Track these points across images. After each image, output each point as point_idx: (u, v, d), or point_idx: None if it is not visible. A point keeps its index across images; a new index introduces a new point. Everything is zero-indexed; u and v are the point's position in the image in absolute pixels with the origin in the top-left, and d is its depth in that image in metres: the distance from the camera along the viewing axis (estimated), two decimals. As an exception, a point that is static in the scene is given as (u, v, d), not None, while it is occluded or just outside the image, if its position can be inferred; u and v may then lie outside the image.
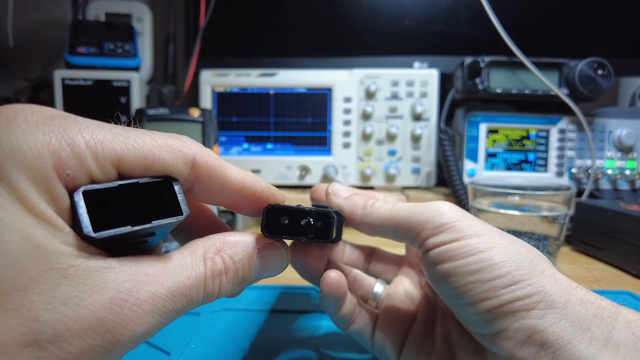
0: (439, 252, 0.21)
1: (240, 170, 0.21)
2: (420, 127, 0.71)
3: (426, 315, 0.27)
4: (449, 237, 0.21)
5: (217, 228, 0.23)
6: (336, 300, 0.25)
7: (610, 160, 0.68)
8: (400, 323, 0.27)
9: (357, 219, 0.25)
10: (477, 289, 0.20)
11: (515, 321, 0.19)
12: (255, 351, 0.30)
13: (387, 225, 0.24)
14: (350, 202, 0.26)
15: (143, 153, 0.17)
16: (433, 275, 0.21)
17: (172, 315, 0.16)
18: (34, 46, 0.83)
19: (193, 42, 0.76)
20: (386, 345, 0.26)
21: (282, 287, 0.42)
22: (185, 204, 0.18)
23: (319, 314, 0.36)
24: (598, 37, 0.76)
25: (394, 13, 0.77)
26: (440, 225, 0.21)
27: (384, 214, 0.24)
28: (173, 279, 0.16)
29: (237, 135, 0.74)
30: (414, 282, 0.30)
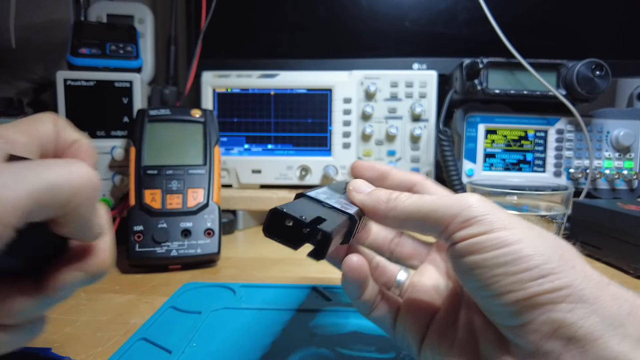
0: (467, 244, 0.21)
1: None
2: (420, 128, 0.72)
3: (450, 304, 0.27)
4: (477, 230, 0.21)
5: None
6: (358, 285, 0.25)
7: (608, 161, 0.68)
8: (423, 312, 0.27)
9: (380, 214, 0.25)
10: (504, 281, 0.19)
11: (541, 314, 0.19)
12: (256, 350, 0.31)
13: (413, 218, 0.23)
14: (373, 198, 0.25)
15: None
16: (459, 267, 0.21)
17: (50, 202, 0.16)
18: (36, 47, 0.83)
19: (194, 43, 0.77)
20: (408, 334, 0.26)
21: (282, 286, 0.43)
22: None
23: (319, 313, 0.37)
24: (596, 38, 0.77)
25: (394, 15, 0.77)
26: (469, 218, 0.21)
27: (408, 208, 0.23)
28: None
29: (238, 135, 0.74)
30: (440, 270, 0.29)
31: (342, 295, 0.40)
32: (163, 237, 0.48)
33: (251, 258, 0.54)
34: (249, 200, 0.68)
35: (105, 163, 0.57)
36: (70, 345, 0.32)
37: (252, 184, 0.74)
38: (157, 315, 0.36)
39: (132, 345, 0.31)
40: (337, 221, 0.23)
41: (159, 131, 0.54)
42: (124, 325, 0.35)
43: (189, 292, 0.41)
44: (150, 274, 0.47)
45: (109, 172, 0.57)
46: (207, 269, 0.50)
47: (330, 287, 0.42)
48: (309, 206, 0.24)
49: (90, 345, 0.31)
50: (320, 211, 0.23)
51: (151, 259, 0.48)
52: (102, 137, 0.57)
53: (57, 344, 0.31)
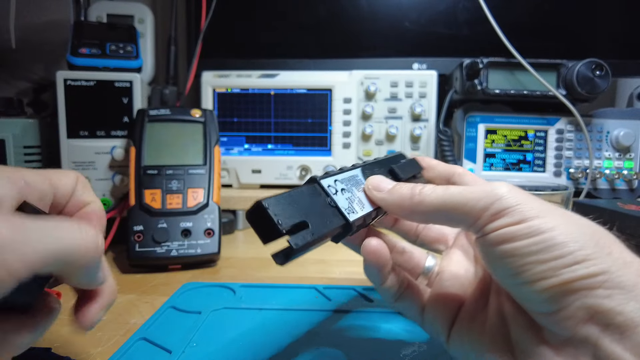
0: (498, 234, 0.21)
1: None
2: (420, 128, 0.72)
3: (480, 290, 0.26)
4: (509, 220, 0.20)
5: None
6: (378, 269, 0.25)
7: (608, 161, 0.68)
8: (453, 299, 0.26)
9: (406, 211, 0.24)
10: (536, 269, 0.19)
11: (576, 300, 0.19)
12: (256, 350, 0.31)
13: (441, 212, 0.23)
14: (395, 195, 0.25)
15: None
16: (489, 256, 0.21)
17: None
18: (36, 47, 0.83)
19: (194, 43, 0.77)
20: (437, 321, 0.26)
21: (282, 286, 0.43)
22: None
23: (319, 313, 0.37)
24: (596, 38, 0.77)
25: (394, 15, 0.77)
26: (500, 210, 0.21)
27: (435, 202, 0.23)
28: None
29: (238, 135, 0.74)
30: (468, 255, 0.29)
31: (342, 295, 0.40)
32: (163, 237, 0.48)
33: (251, 258, 0.54)
34: (249, 200, 0.68)
35: (105, 163, 0.57)
36: (70, 345, 0.32)
37: (252, 184, 0.74)
38: (157, 315, 0.36)
39: (132, 345, 0.31)
40: (322, 231, 0.21)
41: (159, 131, 0.54)
42: (124, 325, 0.35)
43: (189, 292, 0.41)
44: (150, 274, 0.47)
45: (109, 172, 0.57)
46: (207, 269, 0.50)
47: (331, 287, 0.42)
48: (302, 203, 0.22)
49: (90, 345, 0.31)
50: (310, 213, 0.22)
51: (151, 259, 0.48)
52: (102, 137, 0.57)
53: (57, 344, 0.31)
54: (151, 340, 0.31)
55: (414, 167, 0.32)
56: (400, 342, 0.32)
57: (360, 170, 0.27)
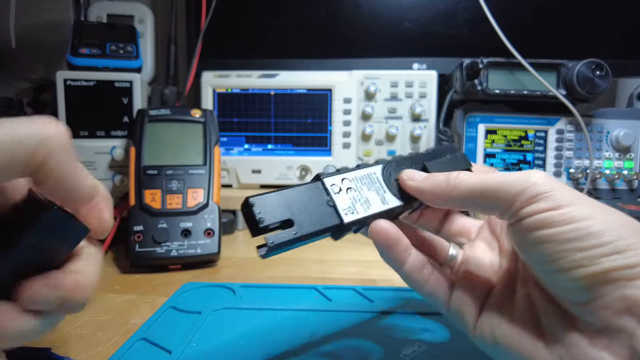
0: (534, 220, 0.21)
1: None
2: (420, 128, 0.72)
3: (506, 281, 0.26)
4: (545, 205, 0.20)
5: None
6: (387, 248, 0.25)
7: (608, 161, 0.68)
8: (480, 287, 0.26)
9: (441, 196, 0.24)
10: (572, 257, 0.19)
11: (614, 290, 0.18)
12: (256, 350, 0.31)
13: (476, 197, 0.23)
14: (430, 182, 0.25)
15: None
16: (524, 242, 0.21)
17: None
18: (36, 47, 0.83)
19: (194, 43, 0.77)
20: (463, 310, 0.26)
21: (282, 286, 0.43)
22: None
23: (319, 313, 0.37)
24: (596, 38, 0.77)
25: (393, 15, 0.77)
26: (535, 194, 0.21)
27: (471, 186, 0.23)
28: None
29: (238, 135, 0.74)
30: (492, 246, 0.29)
31: (342, 295, 0.40)
32: (163, 237, 0.48)
33: (251, 258, 0.54)
34: (249, 200, 0.68)
35: (105, 163, 0.57)
36: (70, 345, 0.32)
37: (252, 184, 0.74)
38: (157, 315, 0.36)
39: (132, 345, 0.31)
40: (308, 230, 0.22)
41: (159, 131, 0.54)
42: (124, 325, 0.35)
43: (189, 292, 0.41)
44: (150, 274, 0.47)
45: (109, 172, 0.57)
46: (207, 269, 0.50)
47: (331, 287, 0.42)
48: (296, 201, 0.23)
49: (90, 345, 0.31)
50: (302, 211, 0.23)
51: (151, 259, 0.48)
52: (102, 137, 0.57)
53: (57, 344, 0.31)
54: (151, 340, 0.31)
55: (459, 163, 0.29)
56: (400, 342, 0.32)
57: (380, 168, 0.27)
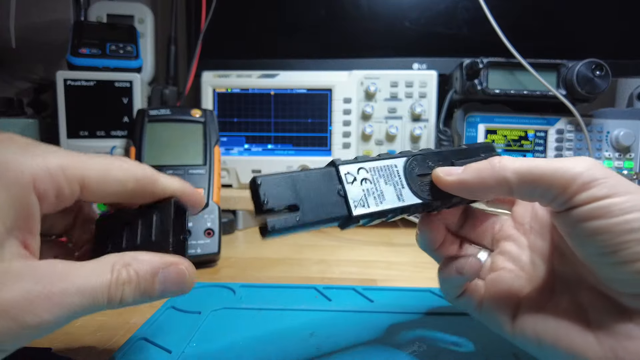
0: (590, 208, 0.20)
1: (171, 179, 0.26)
2: (419, 128, 0.72)
3: (543, 278, 0.25)
4: (601, 192, 0.20)
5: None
6: (429, 240, 0.27)
7: (608, 161, 0.68)
8: (512, 291, 0.26)
9: (488, 184, 0.23)
10: (635, 248, 0.19)
11: None
12: (256, 350, 0.31)
13: (525, 182, 0.22)
14: (472, 172, 0.23)
15: (102, 173, 0.22)
16: (578, 232, 0.21)
17: (78, 312, 0.19)
18: (36, 47, 0.83)
19: (194, 43, 0.77)
20: (497, 314, 0.25)
21: (282, 286, 0.43)
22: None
23: (319, 313, 0.37)
24: (596, 38, 0.77)
25: (393, 15, 0.77)
26: (590, 180, 0.20)
27: (519, 170, 0.22)
28: (83, 281, 0.20)
29: (238, 135, 0.74)
30: (520, 245, 0.28)
31: (342, 295, 0.40)
32: (163, 237, 0.48)
33: (251, 258, 0.54)
34: (249, 200, 0.68)
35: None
36: (70, 345, 0.32)
37: (252, 184, 0.74)
38: (157, 315, 0.36)
39: (132, 345, 0.31)
40: (312, 218, 0.21)
41: (159, 131, 0.54)
42: (124, 325, 0.35)
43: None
44: (150, 274, 0.47)
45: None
46: (207, 269, 0.50)
47: (331, 287, 0.42)
48: (306, 186, 0.22)
49: (90, 345, 0.31)
50: (310, 198, 0.22)
51: (151, 259, 0.48)
52: (102, 137, 0.57)
53: (57, 344, 0.31)
54: (151, 340, 0.31)
55: None
56: (400, 342, 0.32)
57: (404, 161, 0.25)
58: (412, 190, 0.25)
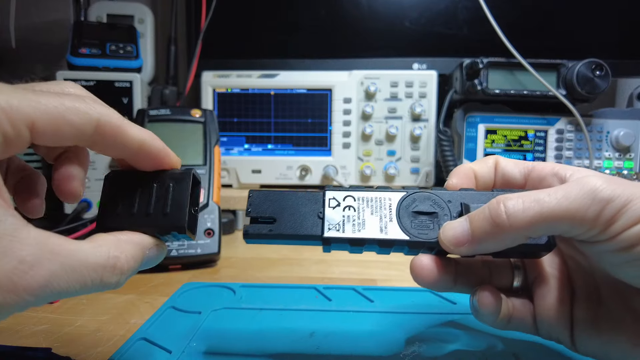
0: (626, 237, 0.19)
1: (140, 129, 0.23)
2: (419, 128, 0.72)
3: (586, 289, 0.25)
4: (631, 220, 0.19)
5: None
6: (430, 286, 0.24)
7: (608, 161, 0.68)
8: (559, 304, 0.25)
9: (498, 245, 0.22)
10: None
11: None
12: (256, 349, 0.31)
13: (539, 227, 0.20)
14: (477, 221, 0.22)
15: (53, 116, 0.19)
16: (616, 260, 0.20)
17: (63, 294, 0.18)
18: (36, 47, 0.83)
19: (194, 43, 0.77)
20: (554, 330, 0.25)
21: (282, 286, 0.43)
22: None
23: (319, 313, 0.37)
24: (596, 38, 0.77)
25: (393, 15, 0.77)
26: (615, 212, 0.19)
27: (530, 218, 0.20)
28: (74, 263, 0.18)
29: (238, 135, 0.74)
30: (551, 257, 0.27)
31: (342, 295, 0.40)
32: (163, 237, 0.48)
33: (251, 258, 0.54)
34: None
35: (105, 163, 0.57)
36: (70, 345, 0.32)
37: (252, 184, 0.74)
38: (157, 315, 0.36)
39: (132, 345, 0.31)
40: (285, 232, 0.24)
41: (159, 131, 0.53)
42: (124, 325, 0.35)
43: (189, 292, 0.41)
44: (150, 274, 0.47)
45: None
46: (207, 269, 0.50)
47: (331, 287, 0.42)
48: (291, 204, 0.25)
49: (90, 345, 0.31)
50: (291, 214, 0.24)
51: (151, 259, 0.48)
52: (102, 137, 0.57)
53: (57, 344, 0.31)
54: (151, 340, 0.31)
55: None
56: (400, 342, 0.32)
57: (400, 197, 0.25)
58: (402, 226, 0.24)
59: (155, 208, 0.23)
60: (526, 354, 0.29)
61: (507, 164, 0.27)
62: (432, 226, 0.24)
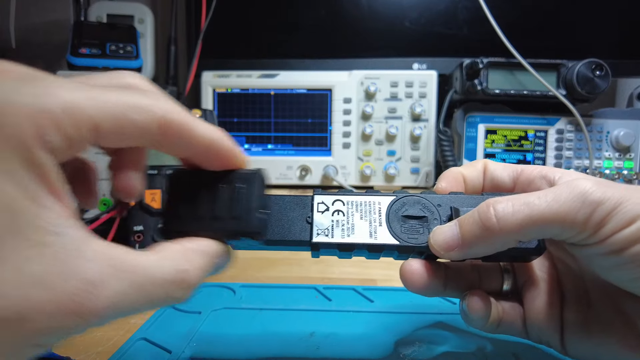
0: (617, 240, 0.19)
1: (208, 127, 0.21)
2: (419, 128, 0.72)
3: (575, 292, 0.25)
4: (620, 223, 0.19)
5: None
6: (420, 292, 0.24)
7: (608, 161, 0.68)
8: (548, 308, 0.25)
9: (489, 249, 0.21)
10: None
11: None
12: (256, 349, 0.31)
13: (528, 230, 0.20)
14: (471, 239, 0.21)
15: (117, 117, 0.17)
16: (606, 264, 0.20)
17: (127, 314, 0.17)
18: (37, 47, 0.83)
19: (194, 43, 0.77)
20: (544, 334, 0.25)
21: (282, 286, 0.43)
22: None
23: (319, 312, 0.37)
24: (596, 38, 0.77)
25: (393, 15, 0.77)
26: (605, 215, 0.19)
27: (520, 221, 0.20)
28: (140, 280, 0.17)
29: (238, 135, 0.74)
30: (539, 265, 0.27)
31: (342, 295, 0.40)
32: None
33: (251, 258, 0.54)
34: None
35: (105, 163, 0.57)
36: (70, 345, 0.32)
37: (252, 184, 0.74)
38: (157, 315, 0.36)
39: (132, 345, 0.31)
40: (272, 236, 0.23)
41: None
42: (124, 325, 0.35)
43: (189, 292, 0.41)
44: (150, 274, 0.47)
45: (109, 172, 0.57)
46: (207, 269, 0.50)
47: (331, 287, 0.42)
48: (280, 208, 0.24)
49: (90, 345, 0.31)
50: (279, 219, 0.23)
51: (151, 259, 0.48)
52: (102, 137, 0.57)
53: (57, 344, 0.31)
54: (151, 340, 0.31)
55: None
56: (400, 342, 0.32)
57: (390, 200, 0.25)
58: (391, 230, 0.24)
59: (223, 211, 0.22)
60: (526, 354, 0.29)
61: (496, 168, 0.27)
62: (422, 230, 0.23)
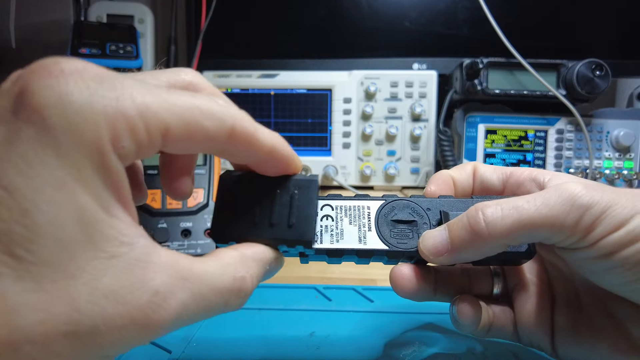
0: (606, 245, 0.19)
1: (271, 133, 0.20)
2: (419, 128, 0.72)
3: (565, 296, 0.25)
4: (610, 226, 0.19)
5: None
6: (410, 295, 0.24)
7: (608, 161, 0.68)
8: (538, 312, 0.24)
9: (479, 254, 0.21)
10: None
11: None
12: (255, 349, 0.31)
13: (518, 235, 0.20)
14: (456, 230, 0.21)
15: (187, 122, 0.16)
16: (596, 268, 0.20)
17: (187, 324, 0.17)
18: (36, 47, 0.83)
19: (194, 43, 0.77)
20: (534, 338, 0.24)
21: (282, 286, 0.43)
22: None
23: (319, 313, 0.37)
24: (596, 38, 0.77)
25: (393, 15, 0.77)
26: (595, 219, 0.19)
27: (509, 225, 0.20)
28: (204, 289, 0.17)
29: (238, 135, 0.74)
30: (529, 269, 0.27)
31: (342, 295, 0.40)
32: (163, 237, 0.48)
33: (251, 258, 0.54)
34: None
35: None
36: (70, 345, 0.31)
37: (252, 184, 0.74)
38: (157, 315, 0.36)
39: (132, 345, 0.31)
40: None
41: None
42: (124, 325, 0.35)
43: (189, 292, 0.41)
44: (150, 274, 0.47)
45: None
46: (207, 269, 0.50)
47: (331, 287, 0.42)
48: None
49: (90, 345, 0.31)
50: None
51: (151, 259, 0.48)
52: (102, 137, 0.57)
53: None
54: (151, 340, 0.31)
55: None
56: (400, 342, 0.32)
57: (379, 205, 0.24)
58: (381, 235, 0.23)
59: (279, 218, 0.21)
60: (526, 354, 0.29)
61: (485, 170, 0.27)
62: (412, 235, 0.23)
